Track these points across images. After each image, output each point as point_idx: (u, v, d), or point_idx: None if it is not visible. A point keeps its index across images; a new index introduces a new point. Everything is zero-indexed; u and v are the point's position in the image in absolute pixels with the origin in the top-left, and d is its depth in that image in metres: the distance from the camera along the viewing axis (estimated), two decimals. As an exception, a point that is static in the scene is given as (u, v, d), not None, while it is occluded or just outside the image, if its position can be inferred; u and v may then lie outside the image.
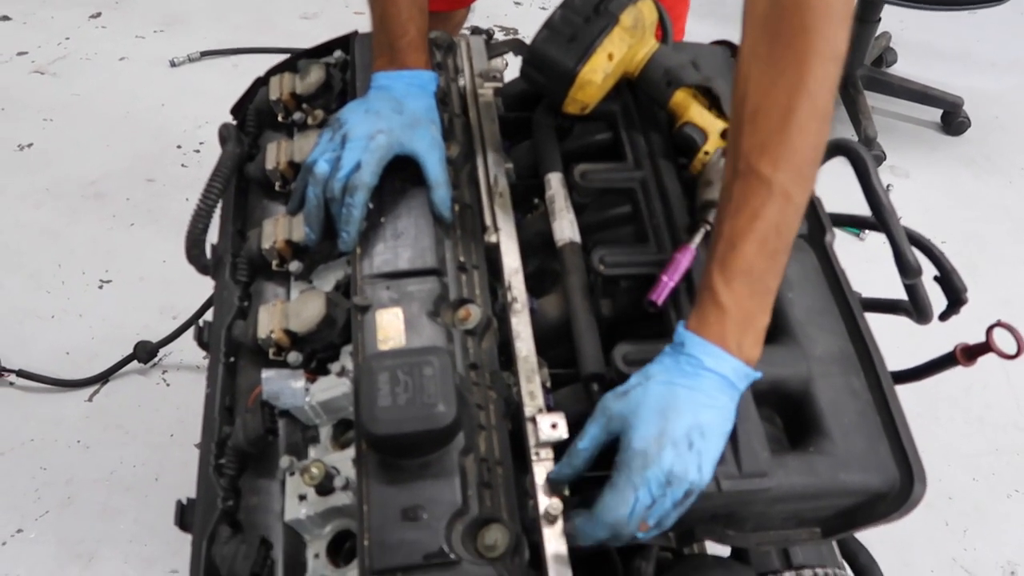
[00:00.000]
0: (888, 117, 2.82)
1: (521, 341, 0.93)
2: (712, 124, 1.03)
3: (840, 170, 1.02)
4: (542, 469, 0.84)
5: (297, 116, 1.18)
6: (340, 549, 0.89)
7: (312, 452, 0.94)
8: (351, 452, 0.87)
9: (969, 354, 0.96)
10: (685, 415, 0.77)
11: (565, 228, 1.01)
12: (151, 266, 2.17)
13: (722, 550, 1.01)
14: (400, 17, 1.07)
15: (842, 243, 1.03)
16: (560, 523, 0.81)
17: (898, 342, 1.06)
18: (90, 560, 1.70)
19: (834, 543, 1.13)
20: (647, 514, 0.76)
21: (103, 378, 1.96)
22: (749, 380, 0.81)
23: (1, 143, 2.51)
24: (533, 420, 0.86)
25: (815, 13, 0.80)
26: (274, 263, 1.06)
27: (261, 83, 1.25)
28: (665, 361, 0.81)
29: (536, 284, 1.01)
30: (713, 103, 1.05)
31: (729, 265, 0.80)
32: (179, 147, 2.53)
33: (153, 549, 1.71)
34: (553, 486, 0.83)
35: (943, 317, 1.04)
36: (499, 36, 1.30)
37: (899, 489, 0.84)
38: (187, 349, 1.98)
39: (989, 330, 0.94)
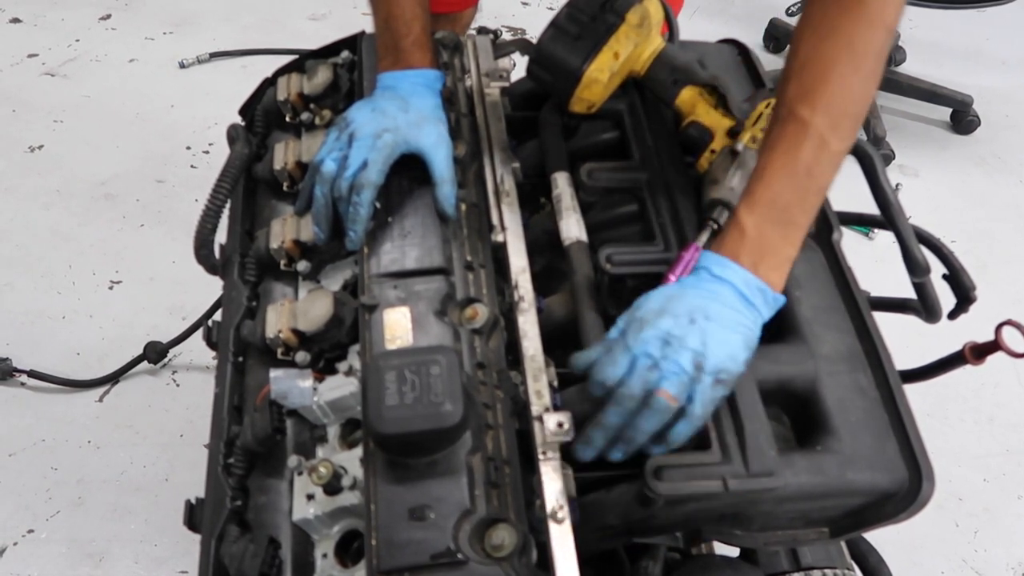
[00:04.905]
0: (897, 116, 2.81)
1: (528, 340, 0.93)
2: (719, 122, 1.02)
3: (848, 169, 1.02)
4: (549, 468, 0.84)
5: (305, 116, 1.18)
6: (348, 549, 0.89)
7: (320, 451, 0.94)
8: (359, 451, 0.87)
9: (978, 353, 0.96)
10: (688, 300, 0.80)
11: (572, 227, 1.01)
12: (161, 266, 2.18)
13: (730, 550, 1.00)
14: (404, 17, 1.07)
15: (851, 242, 1.03)
16: (567, 522, 0.81)
17: (907, 341, 1.06)
18: (100, 560, 1.71)
19: (844, 544, 1.13)
20: (651, 375, 0.78)
21: (113, 378, 1.97)
22: (766, 297, 0.83)
23: (12, 145, 2.53)
24: (540, 419, 0.86)
25: None
26: (282, 263, 1.06)
27: (269, 84, 1.26)
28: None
29: (543, 283, 1.01)
30: (720, 101, 1.05)
31: (755, 194, 0.85)
32: (188, 148, 2.54)
33: (163, 549, 1.72)
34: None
35: (952, 316, 1.04)
36: (506, 36, 1.30)
37: (907, 488, 0.83)
38: (197, 349, 1.98)
39: (998, 328, 0.93)
